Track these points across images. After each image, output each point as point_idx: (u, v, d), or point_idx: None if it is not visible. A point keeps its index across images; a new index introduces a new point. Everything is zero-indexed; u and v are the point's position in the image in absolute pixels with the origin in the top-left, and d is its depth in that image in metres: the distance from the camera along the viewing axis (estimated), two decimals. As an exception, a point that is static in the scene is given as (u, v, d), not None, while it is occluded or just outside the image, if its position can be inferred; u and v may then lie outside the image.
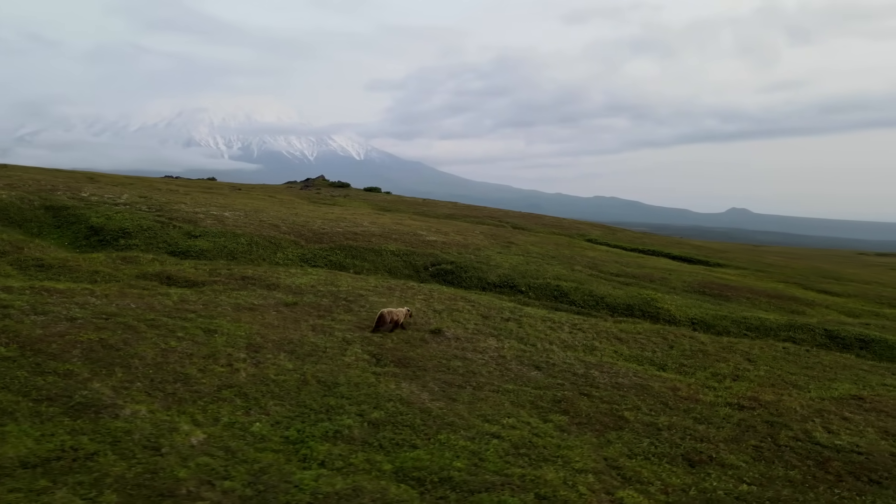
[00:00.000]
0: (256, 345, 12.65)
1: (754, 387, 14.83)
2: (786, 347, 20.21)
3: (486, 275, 27.95)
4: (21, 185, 33.12)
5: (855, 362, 19.52)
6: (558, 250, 42.41)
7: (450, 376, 12.68)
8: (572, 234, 65.09)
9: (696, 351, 17.70)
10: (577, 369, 14.30)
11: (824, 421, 12.66)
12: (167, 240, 25.26)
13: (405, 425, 10.00)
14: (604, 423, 11.25)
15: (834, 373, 17.43)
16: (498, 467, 8.92)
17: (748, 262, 58.37)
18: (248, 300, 16.09)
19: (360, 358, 13.02)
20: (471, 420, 10.54)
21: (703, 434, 11.23)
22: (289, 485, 7.76)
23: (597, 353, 16.10)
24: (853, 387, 15.87)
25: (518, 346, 15.63)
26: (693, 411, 12.49)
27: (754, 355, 18.20)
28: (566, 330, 18.06)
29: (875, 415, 13.53)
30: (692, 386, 14.32)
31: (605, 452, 9.98)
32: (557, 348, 15.93)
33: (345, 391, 11.05)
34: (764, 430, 11.83)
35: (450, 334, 15.65)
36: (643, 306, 26.49)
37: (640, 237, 68.86)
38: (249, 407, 9.92)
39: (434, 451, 9.24)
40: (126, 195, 34.67)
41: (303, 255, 26.24)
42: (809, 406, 13.62)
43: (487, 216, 71.31)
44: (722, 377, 15.48)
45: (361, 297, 18.23)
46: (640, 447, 10.36)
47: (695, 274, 40.48)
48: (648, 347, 17.46)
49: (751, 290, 36.41)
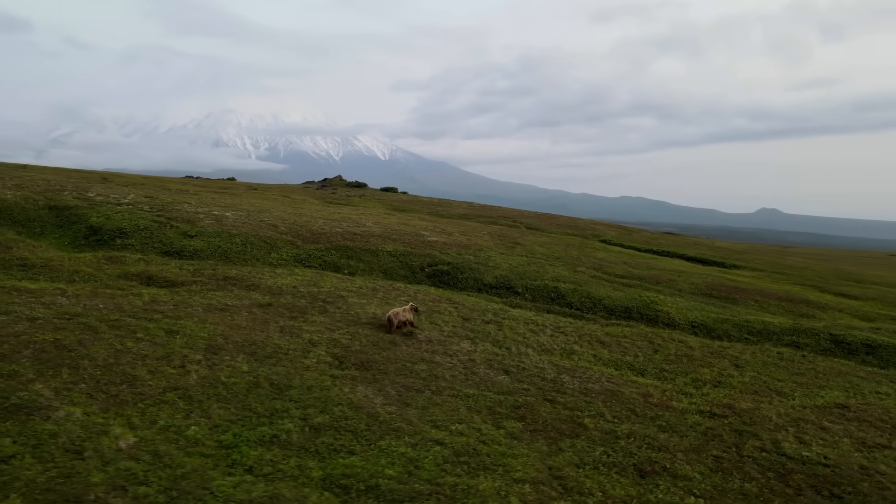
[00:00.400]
0: (216, 346, 12.57)
1: (734, 393, 14.37)
2: (780, 352, 19.61)
3: (482, 276, 27.66)
4: (30, 185, 33.69)
5: (853, 368, 18.86)
6: (566, 251, 41.93)
7: (410, 380, 12.46)
8: (586, 234, 64.44)
9: (682, 356, 17.23)
10: (547, 374, 13.98)
11: (799, 430, 12.18)
12: (163, 239, 25.42)
13: (348, 430, 9.80)
14: (560, 430, 10.93)
15: (826, 379, 16.84)
16: (432, 476, 8.68)
17: (767, 264, 57.18)
18: (223, 301, 16.04)
19: (322, 360, 12.86)
20: (419, 426, 10.31)
21: (664, 443, 10.85)
22: (205, 491, 7.62)
23: (574, 358, 15.75)
24: (842, 394, 15.30)
25: (492, 349, 15.35)
26: (660, 419, 12.09)
27: (743, 360, 17.67)
28: (548, 333, 17.71)
29: (857, 424, 12.99)
30: (667, 392, 13.91)
31: (553, 461, 9.67)
32: (533, 352, 15.60)
33: (295, 394, 10.89)
34: (731, 439, 11.41)
35: (423, 337, 15.42)
36: (642, 309, 25.99)
37: (656, 238, 67.90)
38: (191, 410, 9.81)
39: (370, 457, 9.03)
40: (132, 195, 35.07)
41: (297, 256, 26.22)
42: (787, 415, 13.12)
43: (502, 216, 70.97)
44: (702, 383, 15.02)
45: (341, 299, 18.09)
46: (592, 456, 10.03)
47: (705, 276, 39.72)
48: (631, 352, 17.04)
49: (761, 293, 35.59)
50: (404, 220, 44.08)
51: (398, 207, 70.74)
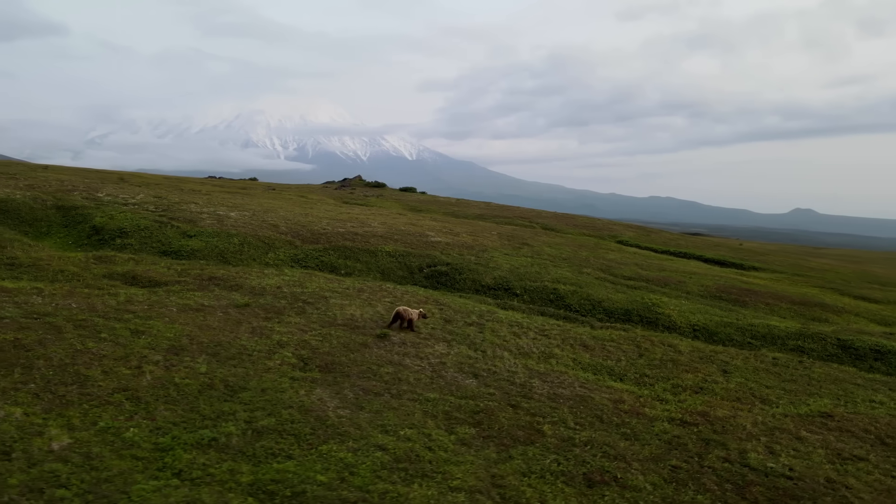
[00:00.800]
0: (180, 347, 12.55)
1: (713, 400, 13.93)
2: (776, 358, 19.02)
3: (481, 277, 27.40)
4: (43, 185, 34.38)
5: (852, 375, 18.21)
6: (576, 252, 41.41)
7: (372, 383, 12.30)
8: (603, 235, 63.71)
9: (667, 360, 16.78)
10: (518, 378, 13.70)
11: (771, 440, 11.72)
12: (161, 239, 25.68)
13: (291, 434, 9.67)
14: (515, 436, 10.67)
15: (819, 387, 16.27)
16: (364, 482, 8.50)
17: (788, 266, 55.92)
18: (200, 301, 16.07)
19: (286, 362, 12.76)
20: (367, 430, 10.14)
21: (622, 452, 10.51)
22: (123, 496, 7.54)
23: (552, 362, 15.42)
24: (831, 402, 14.75)
25: (467, 352, 15.11)
26: (626, 426, 11.74)
27: (733, 366, 17.15)
28: (531, 336, 17.41)
29: (837, 434, 12.48)
30: (641, 398, 13.53)
31: (498, 469, 9.41)
32: (509, 355, 15.32)
33: (247, 397, 10.80)
34: (695, 448, 11.02)
35: (396, 339, 15.24)
36: (643, 311, 25.49)
37: (675, 239, 66.79)
38: (136, 411, 9.77)
39: (306, 463, 8.89)
40: (141, 195, 35.56)
41: (295, 256, 26.27)
42: (764, 423, 12.67)
43: (519, 216, 70.54)
44: (682, 389, 14.59)
45: (323, 300, 18.00)
46: (542, 464, 9.74)
47: (718, 278, 38.91)
48: (614, 356, 16.65)
49: (774, 296, 34.72)
50: (413, 220, 43.98)
51: (414, 208, 70.72)
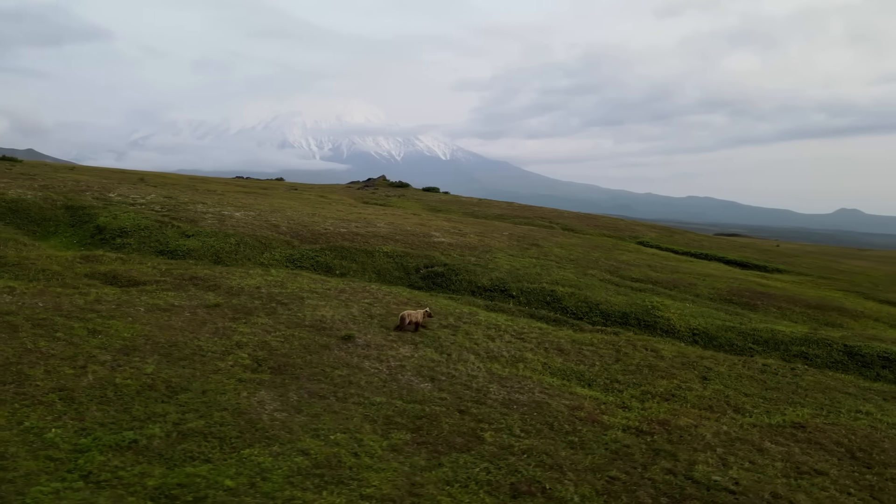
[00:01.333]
0: (133, 347, 12.61)
1: (682, 408, 13.44)
2: (766, 364, 18.34)
3: (478, 278, 27.09)
4: (57, 185, 35.21)
5: (844, 383, 17.46)
6: (588, 253, 40.77)
7: (321, 386, 12.16)
8: (624, 236, 62.72)
9: (644, 366, 16.28)
10: (476, 383, 13.42)
11: (728, 452, 11.23)
12: (160, 239, 26.00)
13: (217, 437, 9.58)
14: (452, 443, 10.40)
15: (803, 395, 15.61)
16: (273, 489, 8.36)
17: (816, 269, 54.27)
18: (171, 301, 16.16)
19: (239, 363, 12.71)
20: (297, 434, 10.00)
21: (561, 461, 10.17)
22: (20, 497, 7.54)
23: (519, 366, 15.07)
24: (811, 412, 14.13)
25: (432, 355, 14.87)
26: (576, 434, 11.38)
27: (716, 373, 16.56)
28: (506, 339, 17.08)
29: (804, 446, 11.91)
30: (603, 405, 13.13)
31: (422, 477, 9.17)
32: (475, 359, 15.03)
33: (185, 398, 10.77)
34: (642, 459, 10.61)
35: (361, 341, 15.10)
36: (641, 315, 24.89)
37: (698, 240, 65.31)
38: (66, 412, 9.81)
39: (222, 467, 8.78)
40: (153, 195, 36.14)
41: (291, 256, 26.34)
42: (727, 434, 12.15)
43: (539, 217, 69.90)
44: (651, 396, 14.12)
45: (299, 300, 17.96)
46: (470, 473, 9.47)
47: (734, 280, 37.91)
48: (589, 361, 16.22)
49: (790, 299, 33.64)
50: (424, 220, 43.83)
51: (434, 208, 70.63)
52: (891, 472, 11.09)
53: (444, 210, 69.85)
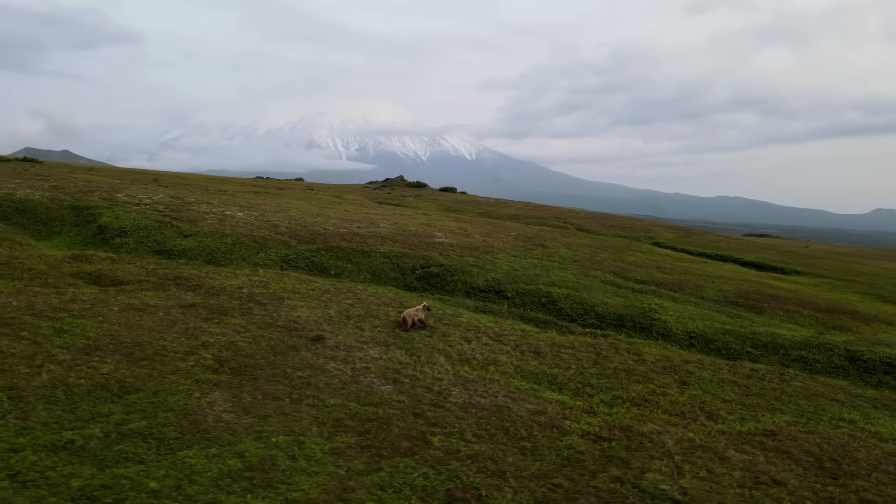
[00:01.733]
0: (96, 347, 12.70)
1: (651, 414, 13.12)
2: (754, 369, 17.86)
3: (473, 279, 26.90)
4: (68, 186, 35.87)
5: (834, 389, 16.95)
6: (595, 254, 40.29)
7: (278, 387, 12.11)
8: (639, 236, 61.96)
9: (622, 370, 15.94)
10: (440, 385, 13.25)
11: (687, 460, 10.90)
12: (158, 238, 26.28)
13: (156, 438, 9.58)
14: (398, 447, 10.26)
15: (785, 402, 15.16)
16: (197, 491, 8.30)
17: (837, 270, 53.03)
18: (148, 301, 16.29)
19: (201, 363, 12.73)
20: (239, 436, 9.95)
21: (507, 467, 9.96)
22: (-62, 496, 7.61)
23: (490, 369, 14.87)
24: (789, 419, 13.74)
25: (400, 357, 14.74)
26: (530, 440, 11.15)
27: (697, 377, 16.16)
28: (483, 341, 16.88)
29: (769, 455, 11.52)
30: (568, 410, 12.87)
31: (356, 481, 9.05)
32: (445, 361, 14.87)
33: (135, 398, 10.79)
34: (593, 466, 10.34)
35: (331, 342, 15.03)
36: (637, 317, 24.47)
37: (716, 241, 64.14)
38: (11, 411, 9.88)
39: (152, 468, 8.76)
40: (161, 195, 36.61)
41: (286, 256, 26.43)
42: (691, 441, 11.82)
43: (555, 217, 69.40)
44: (621, 401, 13.80)
45: (278, 301, 17.98)
46: (407, 478, 9.31)
47: (745, 282, 37.15)
48: (564, 364, 15.94)
49: (800, 302, 32.85)
50: (431, 221, 43.73)
51: (449, 208, 70.58)
52: (857, 483, 10.67)
53: (459, 210, 69.73)
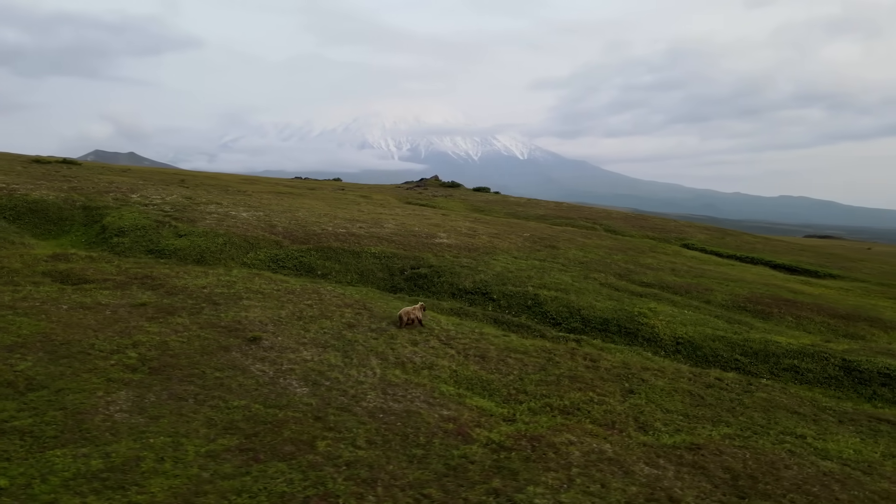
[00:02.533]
0: (24, 344, 13.05)
1: (576, 424, 12.64)
2: (719, 378, 17.04)
3: (461, 281, 26.60)
4: (86, 187, 37.22)
5: (799, 402, 16.09)
6: (607, 256, 39.38)
7: (188, 388, 12.18)
8: (669, 238, 60.43)
9: (567, 376, 15.42)
10: (357, 389, 13.08)
11: (584, 472, 10.44)
12: (153, 238, 26.96)
13: (34, 436, 9.72)
14: (279, 451, 10.15)
15: (736, 414, 14.42)
16: (44, 491, 8.38)
17: (879, 275, 50.52)
18: (101, 299, 16.67)
19: (122, 362, 12.92)
20: (120, 436, 10.02)
21: (382, 475, 9.72)
22: None
23: (423, 373, 14.60)
24: (731, 432, 13.07)
25: (332, 359, 14.61)
26: (426, 447, 10.87)
27: (648, 386, 15.50)
28: (431, 344, 16.61)
29: (683, 470, 10.94)
30: (484, 418, 12.51)
31: (213, 486, 8.97)
32: (378, 364, 14.68)
33: (35, 396, 11.02)
34: (477, 477, 9.99)
35: (267, 343, 15.05)
36: (624, 321, 23.78)
37: (751, 243, 61.73)
38: None
39: (12, 467, 8.89)
40: (175, 196, 37.57)
41: (275, 256, 26.70)
42: (602, 453, 11.31)
43: (584, 217, 68.31)
44: (549, 410, 13.34)
45: (235, 301, 18.13)
46: (271, 483, 9.17)
47: (763, 285, 35.74)
48: (507, 369, 15.52)
49: (816, 308, 31.41)
50: (440, 221, 43.49)
51: (477, 208, 70.27)
52: (764, 504, 10.00)
53: (487, 210, 69.41)
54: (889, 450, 13.25)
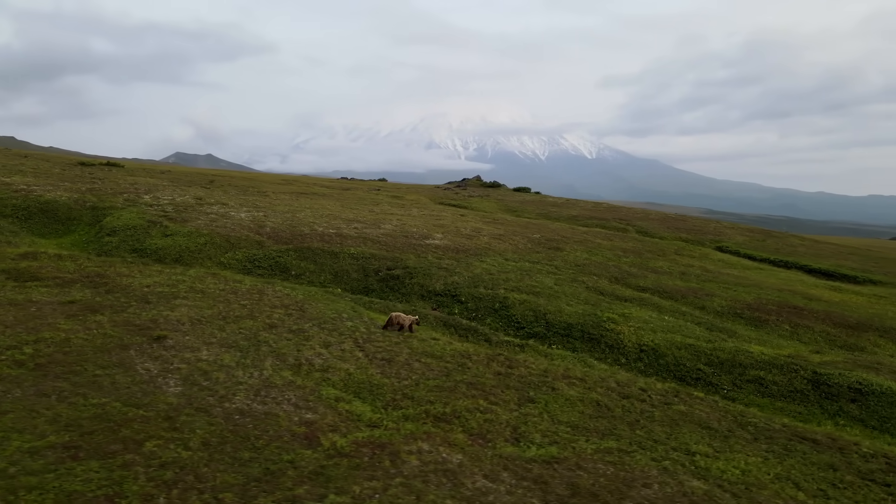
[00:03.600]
0: (-73, 338, 13.81)
1: (444, 433, 12.31)
2: (643, 388, 16.23)
3: (433, 283, 26.42)
4: (103, 188, 39.09)
5: (721, 416, 15.19)
6: (616, 258, 38.32)
7: (61, 384, 12.53)
8: (704, 240, 58.35)
9: (465, 383, 15.00)
10: (230, 390, 13.12)
11: (405, 483, 10.15)
12: (139, 238, 28.01)
13: None
14: (103, 450, 10.29)
15: (637, 428, 13.72)
16: None
17: (930, 281, 47.06)
18: (33, 297, 17.39)
19: (15, 357, 13.37)
20: (-45, 430, 10.46)
21: (188, 477, 9.70)
22: None
23: (314, 376, 14.50)
24: (616, 446, 12.45)
25: (227, 359, 14.69)
26: (257, 451, 10.80)
27: (552, 395, 14.93)
28: (346, 346, 16.51)
29: (522, 484, 10.51)
30: (351, 423, 12.34)
31: (16, 481, 9.19)
32: (271, 364, 14.70)
33: None
34: (288, 483, 9.86)
35: (171, 342, 15.33)
36: (589, 327, 23.11)
37: (793, 246, 58.57)
38: None
39: None
40: (186, 197, 38.97)
41: (252, 256, 27.25)
42: (443, 464, 10.98)
43: (619, 218, 66.77)
44: (424, 417, 13.01)
45: (169, 300, 18.55)
46: (66, 482, 9.28)
47: (775, 291, 34.09)
48: (408, 374, 15.24)
49: (824, 316, 29.75)
50: (445, 222, 43.26)
51: (510, 208, 69.76)
52: (581, 525, 9.44)
53: (519, 211, 68.83)
54: (787, 472, 12.31)
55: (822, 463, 13.03)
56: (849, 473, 12.71)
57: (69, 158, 64.96)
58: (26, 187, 35.88)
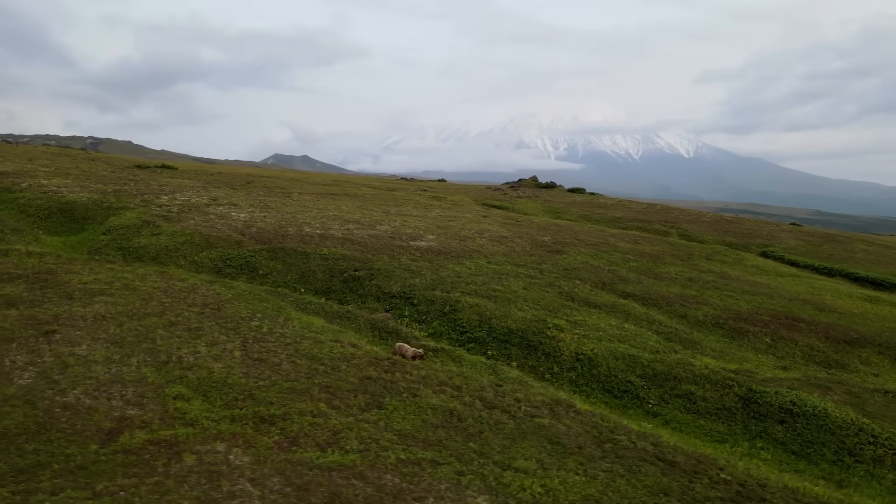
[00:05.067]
0: None
1: (258, 435, 12.44)
2: (518, 399, 15.66)
3: (391, 284, 26.45)
4: (131, 189, 41.67)
5: (583, 431, 14.49)
6: (623, 263, 37.04)
7: (-78, 373, 13.65)
8: (751, 244, 55.55)
9: (322, 386, 14.98)
10: (77, 384, 13.76)
11: (160, 482, 10.35)
12: (127, 237, 29.69)
13: None
14: None
15: (469, 440, 13.33)
16: None
17: None
18: (-23, 292, 18.99)
19: None
20: None
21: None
22: None
23: (173, 373, 14.84)
24: (424, 456, 12.18)
25: (100, 353, 15.41)
26: (49, 443, 11.30)
27: (413, 402, 14.67)
28: (227, 346, 16.91)
29: (281, 490, 10.49)
30: (162, 421, 12.67)
31: None
32: (140, 359, 15.28)
33: None
34: (45, 475, 10.32)
35: (59, 337, 16.17)
36: (529, 334, 22.60)
37: (852, 252, 54.01)
38: None
39: None
40: (203, 197, 40.90)
41: (226, 256, 28.25)
42: (218, 465, 11.11)
43: (664, 221, 64.45)
44: (251, 418, 13.10)
45: (92, 296, 19.41)
46: None
47: (783, 301, 32.19)
48: (270, 374, 15.27)
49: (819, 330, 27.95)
50: (447, 223, 43.02)
51: (553, 210, 68.82)
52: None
53: (562, 212, 67.83)
54: (602, 493, 11.55)
55: (656, 487, 12.14)
56: (679, 500, 11.79)
57: (131, 160, 69.58)
58: (56, 188, 38.87)
